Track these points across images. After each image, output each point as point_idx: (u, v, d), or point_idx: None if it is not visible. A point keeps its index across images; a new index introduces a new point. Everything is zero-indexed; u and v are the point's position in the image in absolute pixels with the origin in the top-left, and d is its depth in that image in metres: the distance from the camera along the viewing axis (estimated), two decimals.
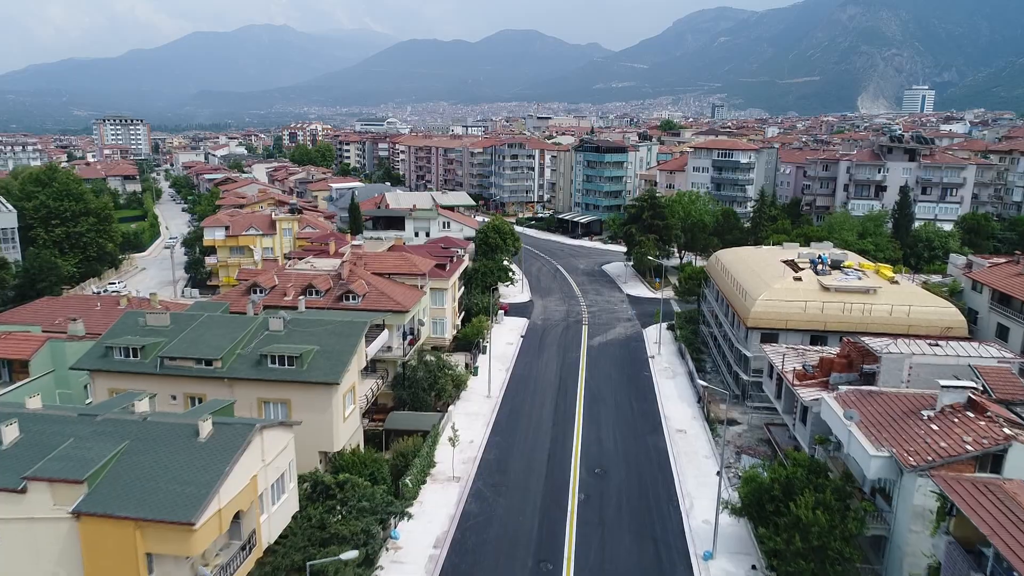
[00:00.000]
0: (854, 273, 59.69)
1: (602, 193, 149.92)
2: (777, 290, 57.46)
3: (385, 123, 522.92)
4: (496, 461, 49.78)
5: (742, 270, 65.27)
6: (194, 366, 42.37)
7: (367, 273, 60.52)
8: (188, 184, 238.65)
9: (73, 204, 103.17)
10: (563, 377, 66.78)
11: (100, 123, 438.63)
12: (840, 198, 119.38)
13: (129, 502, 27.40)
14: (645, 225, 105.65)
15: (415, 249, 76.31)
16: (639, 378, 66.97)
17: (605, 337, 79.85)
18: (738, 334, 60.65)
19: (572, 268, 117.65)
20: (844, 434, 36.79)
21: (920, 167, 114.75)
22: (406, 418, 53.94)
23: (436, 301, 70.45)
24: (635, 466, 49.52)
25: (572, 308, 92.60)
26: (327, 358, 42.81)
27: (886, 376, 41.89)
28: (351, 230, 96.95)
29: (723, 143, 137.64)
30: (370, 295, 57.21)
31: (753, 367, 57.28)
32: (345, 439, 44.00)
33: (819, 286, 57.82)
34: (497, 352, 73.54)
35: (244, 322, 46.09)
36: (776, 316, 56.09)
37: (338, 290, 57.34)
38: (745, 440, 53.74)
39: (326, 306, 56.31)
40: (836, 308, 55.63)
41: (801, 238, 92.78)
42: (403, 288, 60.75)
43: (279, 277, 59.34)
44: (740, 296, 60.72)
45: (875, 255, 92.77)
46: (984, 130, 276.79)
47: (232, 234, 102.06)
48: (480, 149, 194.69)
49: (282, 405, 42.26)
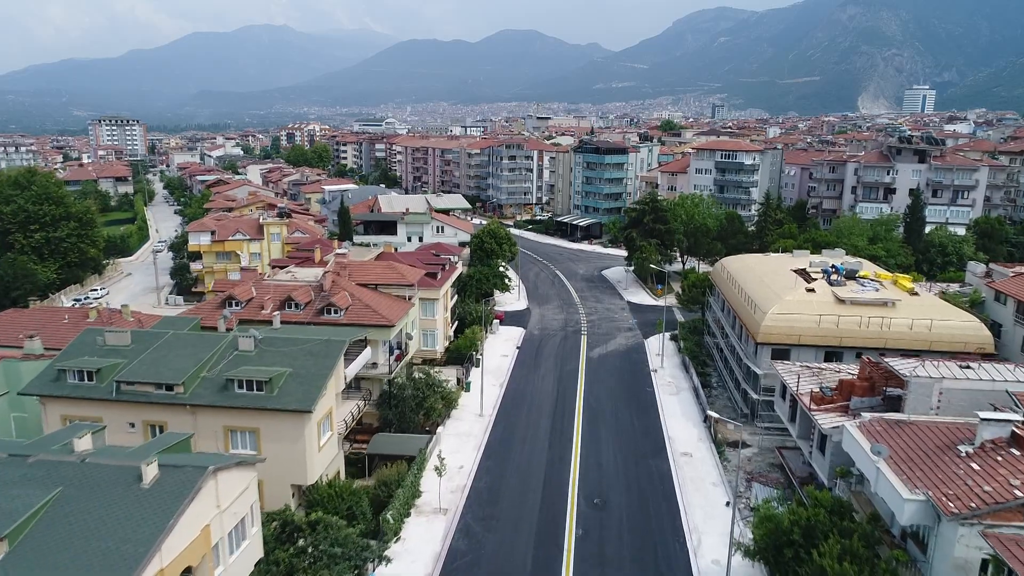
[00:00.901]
0: (871, 284, 55.93)
1: (602, 195, 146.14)
2: (789, 303, 53.71)
3: (384, 123, 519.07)
4: (487, 490, 46.02)
5: (750, 280, 61.52)
6: (154, 391, 38.66)
7: (351, 284, 56.77)
8: (182, 186, 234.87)
9: (53, 208, 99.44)
10: (560, 392, 63.01)
11: (95, 124, 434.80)
12: (847, 201, 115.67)
13: (55, 563, 23.71)
14: (647, 229, 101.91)
15: (405, 256, 72.54)
16: (641, 394, 63.23)
17: (605, 348, 76.11)
18: (746, 349, 56.92)
19: (571, 273, 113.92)
20: (871, 470, 33.06)
21: (930, 169, 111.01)
22: (391, 441, 50.23)
23: (426, 312, 66.72)
24: (637, 495, 45.78)
25: (571, 317, 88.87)
26: (300, 382, 39.10)
27: (914, 402, 38.16)
28: (340, 235, 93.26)
29: (726, 144, 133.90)
30: (353, 309, 53.45)
31: (763, 385, 53.53)
32: (320, 470, 40.28)
33: (834, 298, 54.07)
34: (491, 365, 69.85)
35: (212, 341, 42.36)
36: (788, 331, 52.33)
37: (319, 303, 53.58)
38: (755, 465, 50.00)
39: (306, 320, 52.58)
40: (852, 322, 51.88)
41: (809, 244, 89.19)
42: (389, 300, 56.99)
43: (256, 289, 55.58)
44: (749, 309, 56.97)
45: (886, 261, 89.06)
46: (989, 130, 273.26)
47: (218, 239, 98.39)
48: (477, 150, 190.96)
49: (250, 434, 38.56)
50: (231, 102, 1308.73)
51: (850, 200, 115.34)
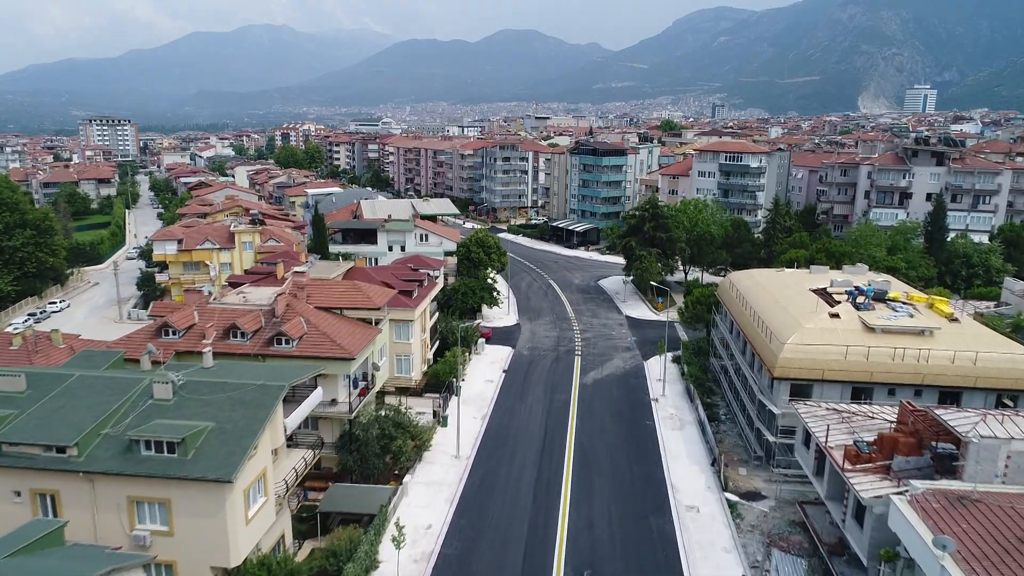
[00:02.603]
0: (904, 309, 48.77)
1: (599, 199, 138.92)
2: (810, 331, 46.61)
3: (380, 123, 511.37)
4: (457, 560, 38.85)
5: (764, 301, 54.42)
6: (42, 454, 31.55)
7: (309, 308, 49.65)
8: (168, 188, 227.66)
9: (7, 215, 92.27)
10: (549, 429, 55.85)
11: (86, 123, 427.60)
12: (860, 206, 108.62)
13: None
14: (647, 238, 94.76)
15: (379, 272, 65.31)
16: (640, 429, 56.11)
17: (601, 372, 68.97)
18: (761, 381, 49.81)
19: (566, 284, 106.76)
20: (932, 567, 25.99)
21: (949, 172, 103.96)
22: (348, 495, 43.13)
23: (400, 335, 59.63)
24: (636, 564, 38.68)
25: (564, 334, 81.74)
26: (224, 441, 32.00)
27: (974, 467, 31.06)
28: (314, 246, 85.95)
29: (731, 145, 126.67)
30: (308, 338, 46.34)
31: (781, 425, 46.44)
32: (250, 546, 33.16)
33: (862, 325, 46.98)
34: (474, 392, 62.75)
35: (123, 387, 35.22)
36: (810, 364, 45.23)
37: (269, 331, 46.48)
38: (773, 523, 42.87)
39: (253, 352, 45.48)
40: (884, 355, 44.75)
41: (823, 254, 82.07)
42: (352, 327, 49.83)
43: (200, 314, 48.44)
44: (763, 336, 49.86)
45: (907, 274, 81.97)
46: (997, 130, 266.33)
47: (185, 248, 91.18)
48: (470, 151, 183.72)
49: (160, 506, 31.45)
50: (231, 102, 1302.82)
51: (863, 205, 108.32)
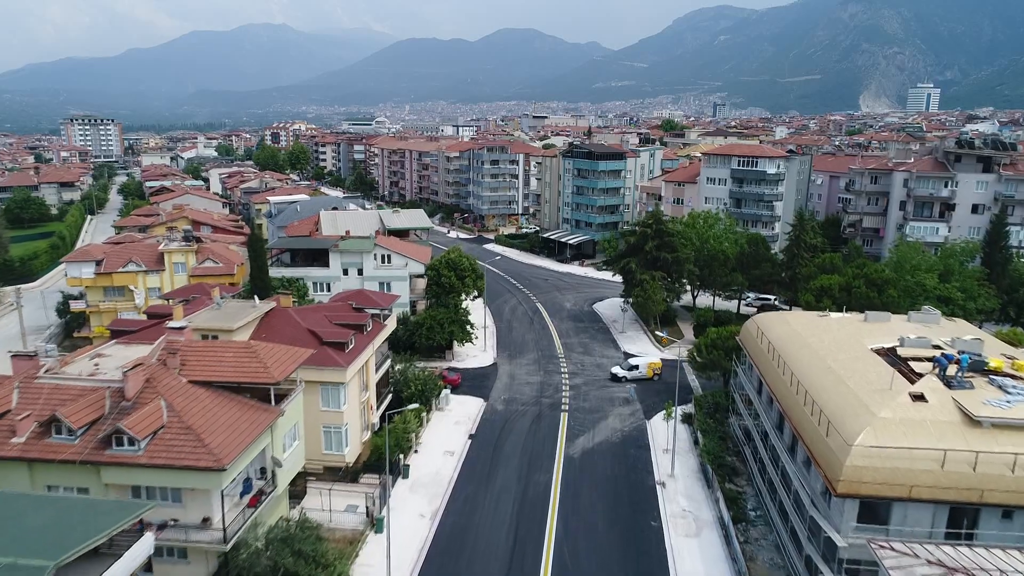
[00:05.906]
0: (1018, 388, 34.53)
1: (595, 208, 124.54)
2: (888, 424, 32.39)
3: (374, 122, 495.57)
4: None
5: (809, 365, 40.13)
6: None
7: (180, 384, 35.50)
8: (140, 192, 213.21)
9: None
10: (520, 535, 41.62)
11: (67, 123, 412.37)
12: (895, 218, 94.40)
13: None
14: (649, 259, 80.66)
15: (307, 315, 50.81)
16: (641, 533, 41.96)
17: (592, 438, 54.74)
18: (810, 484, 35.62)
19: (555, 308, 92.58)
20: None
21: (999, 180, 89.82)
22: None
23: (328, 402, 45.47)
24: None
25: (549, 379, 67.54)
26: None
27: None
28: (251, 273, 71.48)
29: (743, 148, 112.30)
30: (165, 436, 32.15)
31: (846, 560, 32.28)
32: None
33: (960, 415, 32.81)
34: (429, 471, 48.72)
35: None
36: (890, 477, 31.02)
37: (108, 425, 32.32)
38: None
39: (79, 459, 31.34)
40: (1000, 463, 30.60)
41: (861, 281, 67.92)
42: (239, 410, 35.62)
43: (21, 395, 34.29)
44: (813, 422, 35.66)
45: (964, 306, 67.85)
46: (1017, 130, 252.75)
47: (105, 271, 77.17)
48: (456, 153, 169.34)
49: None
50: (230, 101, 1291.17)
51: (898, 217, 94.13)
